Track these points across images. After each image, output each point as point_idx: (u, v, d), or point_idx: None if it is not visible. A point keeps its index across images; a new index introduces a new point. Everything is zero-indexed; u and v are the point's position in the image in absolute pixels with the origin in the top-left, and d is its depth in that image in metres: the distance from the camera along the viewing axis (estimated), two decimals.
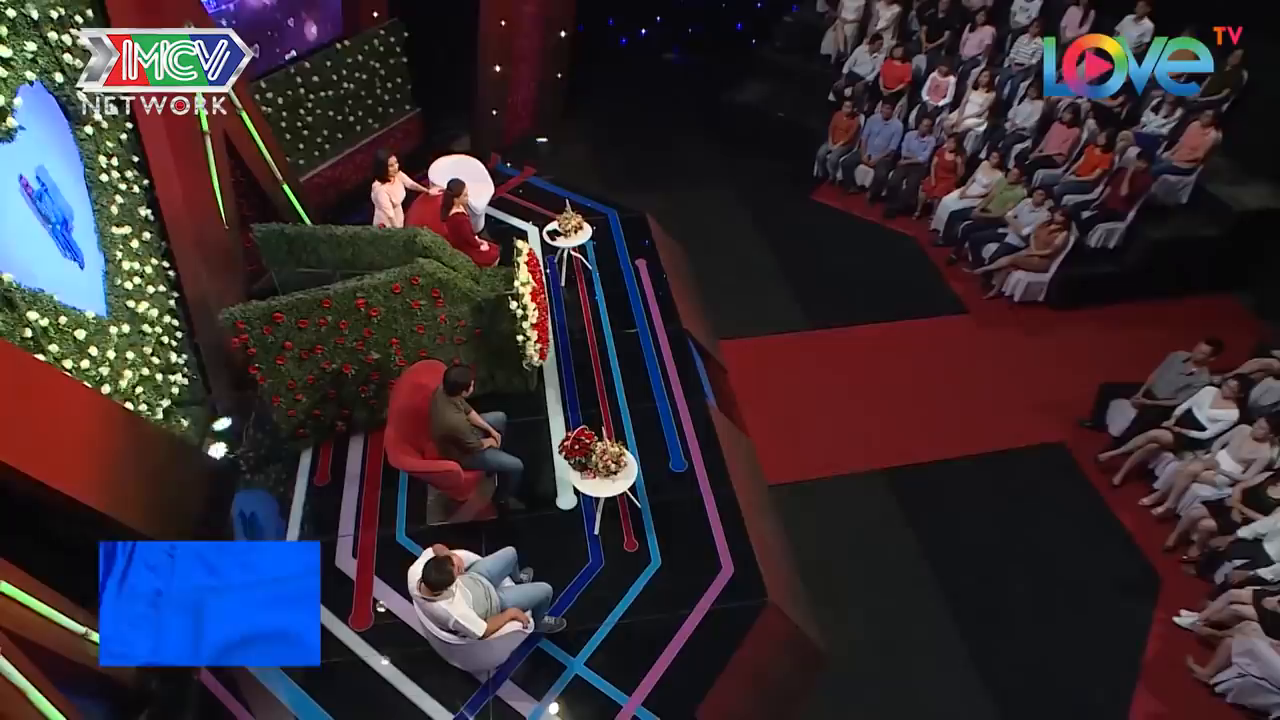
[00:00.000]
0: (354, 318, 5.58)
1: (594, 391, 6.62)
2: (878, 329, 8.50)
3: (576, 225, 7.48)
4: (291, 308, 5.34)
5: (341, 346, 5.66)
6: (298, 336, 5.47)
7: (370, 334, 5.68)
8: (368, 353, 5.76)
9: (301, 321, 5.40)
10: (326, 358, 5.64)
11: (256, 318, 5.29)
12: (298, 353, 5.53)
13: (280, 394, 5.67)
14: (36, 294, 4.74)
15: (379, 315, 5.61)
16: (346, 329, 5.59)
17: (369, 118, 9.97)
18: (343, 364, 5.73)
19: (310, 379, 5.69)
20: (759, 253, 9.50)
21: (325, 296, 5.39)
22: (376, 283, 5.50)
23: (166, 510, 5.47)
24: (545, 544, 5.52)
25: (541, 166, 9.79)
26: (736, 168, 10.91)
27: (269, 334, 5.37)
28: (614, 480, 5.23)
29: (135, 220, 6.11)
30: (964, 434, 7.40)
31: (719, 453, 6.16)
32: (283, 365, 5.53)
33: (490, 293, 5.90)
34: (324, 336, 5.55)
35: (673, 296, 7.67)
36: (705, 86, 11.89)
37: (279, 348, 5.46)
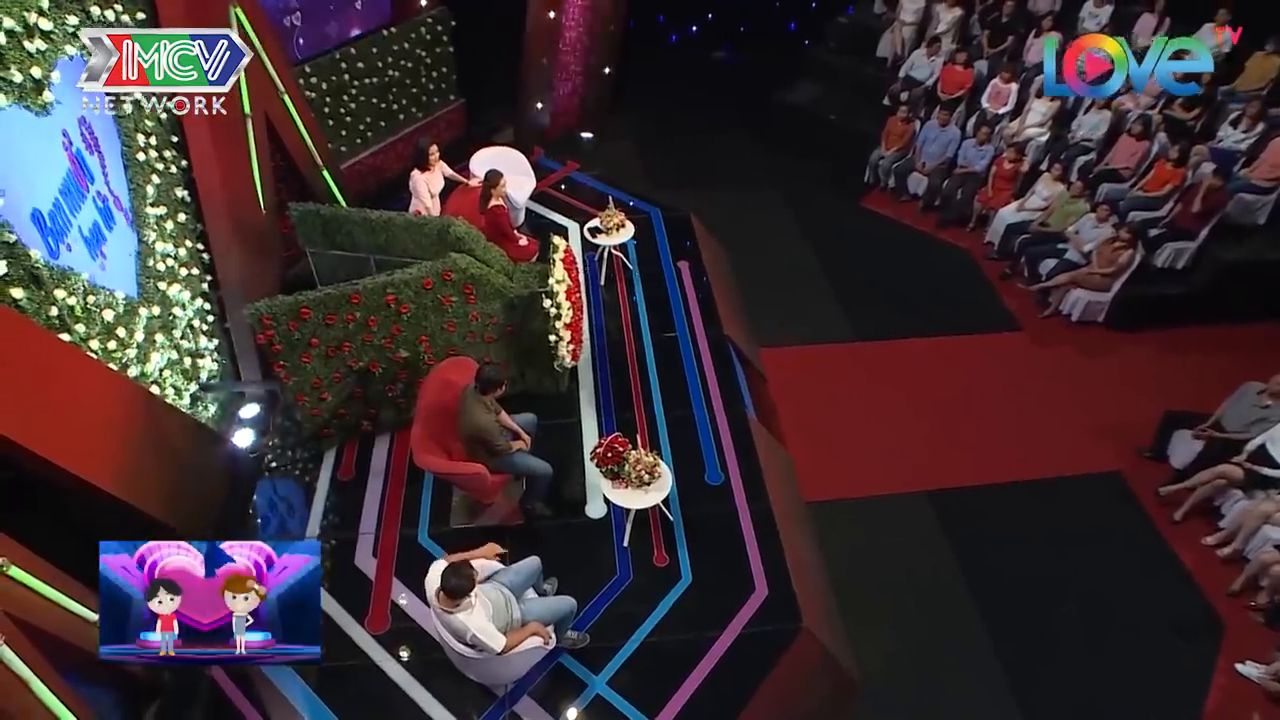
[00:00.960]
0: (383, 314, 5.39)
1: (629, 395, 6.39)
2: (925, 343, 8.15)
3: (618, 223, 7.25)
4: (319, 303, 5.17)
5: (369, 344, 5.48)
6: (324, 333, 5.30)
7: (399, 331, 5.50)
8: (396, 350, 5.57)
9: (329, 317, 5.23)
10: (354, 355, 5.47)
11: (282, 313, 5.11)
12: (324, 350, 5.36)
13: (305, 392, 5.49)
14: (66, 272, 4.65)
15: (409, 312, 5.42)
16: (375, 326, 5.41)
17: (412, 106, 9.86)
18: (370, 362, 5.55)
19: (336, 377, 5.51)
20: (804, 259, 9.19)
21: (354, 292, 5.21)
22: (407, 278, 5.31)
23: (185, 498, 5.35)
24: (572, 553, 5.30)
25: (585, 162, 9.59)
26: (784, 170, 10.60)
27: (295, 330, 5.18)
28: (647, 492, 4.99)
29: (171, 201, 6.02)
30: (1013, 458, 7.03)
31: (756, 466, 5.88)
32: (308, 363, 5.35)
33: (523, 289, 5.69)
34: (351, 333, 5.38)
35: (714, 300, 7.41)
36: (755, 87, 11.59)
37: (305, 344, 5.28)
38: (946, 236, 9.56)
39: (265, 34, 6.92)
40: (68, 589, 4.20)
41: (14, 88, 4.26)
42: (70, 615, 4.19)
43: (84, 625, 4.32)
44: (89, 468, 4.39)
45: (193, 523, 5.43)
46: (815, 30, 12.21)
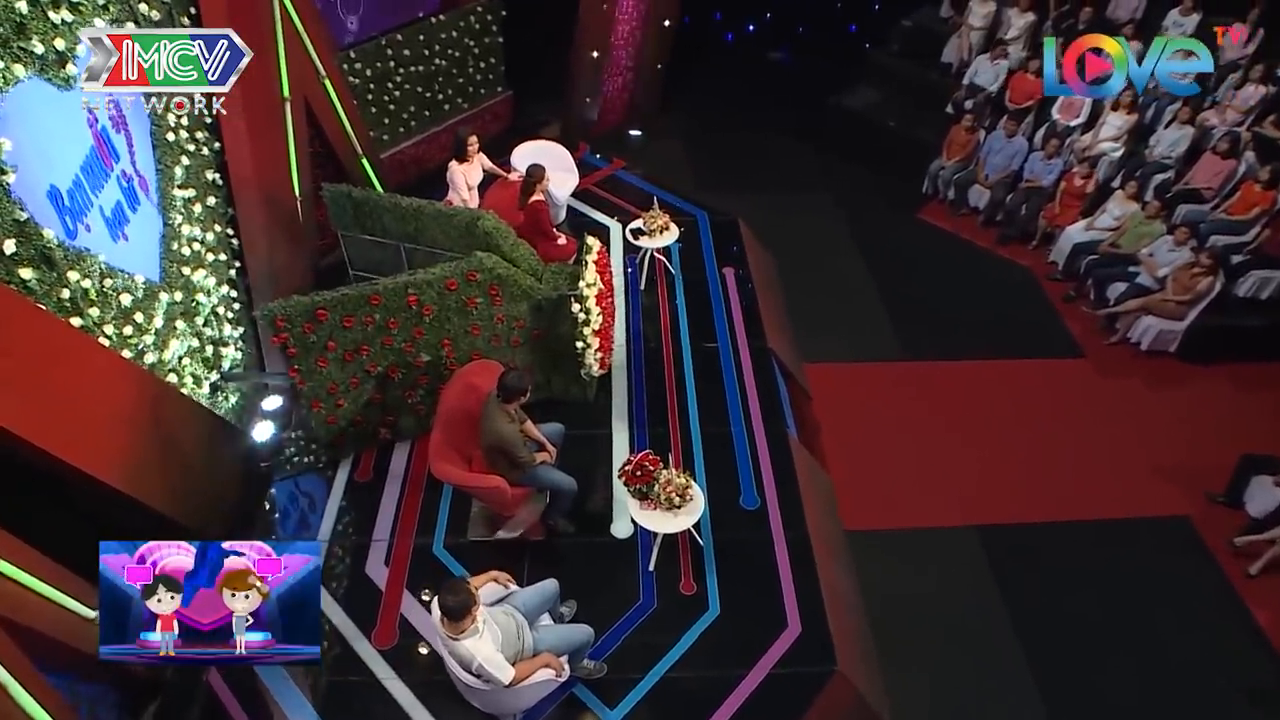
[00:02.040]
0: (404, 316, 5.11)
1: (664, 408, 6.06)
2: (981, 366, 7.68)
3: (663, 225, 6.93)
4: (336, 304, 4.89)
5: (389, 347, 5.21)
6: (342, 336, 5.02)
7: (421, 334, 5.22)
8: (417, 354, 5.30)
9: (347, 319, 4.95)
10: (372, 360, 5.20)
11: (298, 314, 4.82)
12: (341, 354, 5.08)
13: (320, 398, 5.21)
14: (81, 253, 4.46)
15: (431, 314, 5.14)
16: (396, 328, 5.13)
17: (458, 97, 9.62)
18: (389, 366, 5.28)
19: (354, 382, 5.25)
20: (855, 270, 8.76)
21: (374, 292, 4.93)
22: (430, 278, 5.03)
23: (195, 494, 5.16)
24: (593, 574, 4.99)
25: (632, 160, 9.27)
26: (838, 178, 10.16)
27: (310, 333, 4.90)
28: (676, 515, 4.66)
29: (201, 184, 5.84)
30: (1071, 495, 6.55)
31: (796, 491, 5.52)
32: (324, 367, 5.08)
33: (552, 291, 5.40)
34: (370, 336, 5.10)
35: (759, 310, 7.05)
36: (812, 89, 11.16)
37: (321, 348, 5.00)
38: (1007, 253, 9.04)
39: (309, 17, 6.74)
40: (64, 584, 4.01)
41: (35, 59, 4.07)
42: (65, 612, 4.01)
43: (81, 623, 4.14)
44: (90, 459, 4.19)
45: (203, 519, 5.23)
46: (877, 33, 11.73)
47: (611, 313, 5.65)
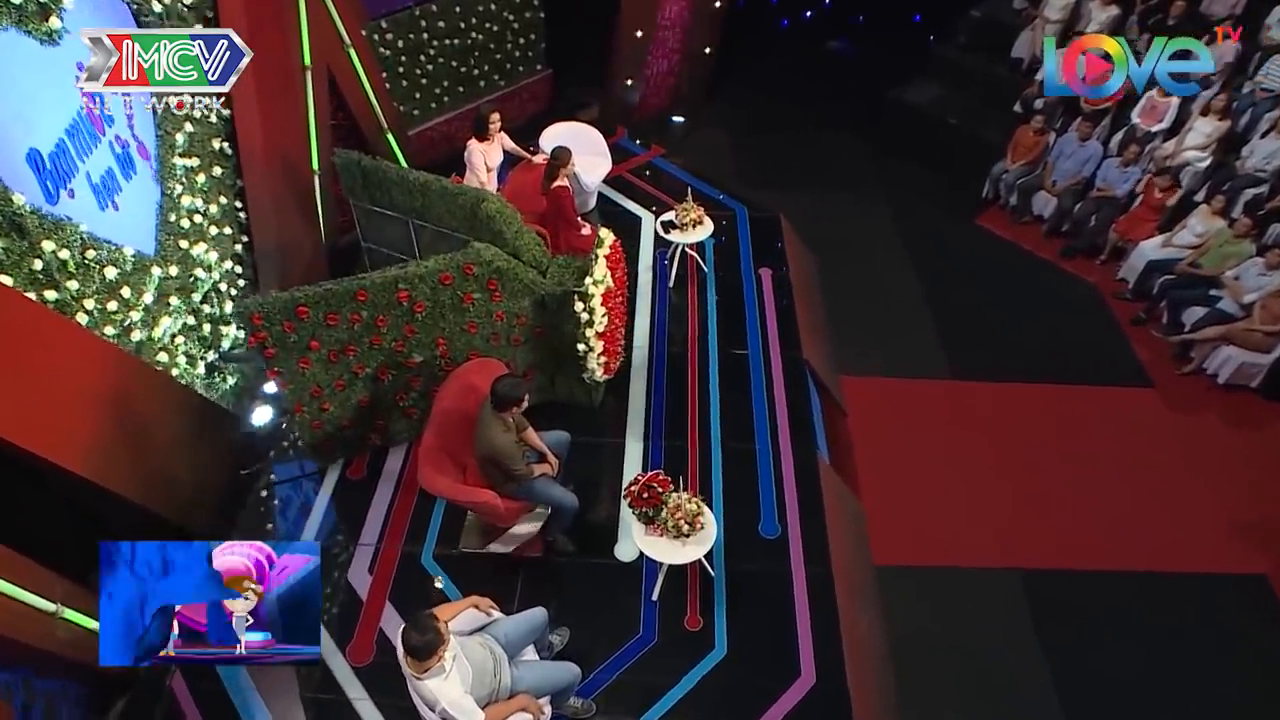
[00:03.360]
0: (394, 313, 4.69)
1: (685, 418, 5.60)
2: (1035, 390, 7.04)
3: (696, 219, 6.44)
4: (319, 300, 4.46)
5: (378, 347, 4.80)
6: (326, 335, 4.61)
7: (413, 332, 4.80)
8: (408, 354, 4.89)
9: (331, 317, 4.54)
10: (360, 360, 4.80)
11: (276, 311, 4.41)
12: (325, 354, 4.68)
13: (303, 402, 4.82)
14: (59, 222, 4.15)
15: (424, 311, 4.71)
16: (385, 326, 4.72)
17: (495, 73, 9.21)
18: (378, 367, 4.88)
19: (339, 384, 4.85)
20: (903, 277, 8.14)
21: (360, 288, 4.51)
22: (422, 272, 4.60)
23: (178, 482, 4.86)
24: (591, 599, 4.58)
25: (671, 148, 8.79)
26: (892, 176, 9.51)
27: (291, 331, 4.49)
28: (684, 545, 4.20)
29: (206, 153, 5.52)
30: (1129, 542, 5.92)
31: (821, 520, 5.02)
32: (307, 369, 4.68)
33: (556, 286, 4.95)
34: (357, 335, 4.69)
35: (795, 315, 6.53)
36: (869, 82, 10.50)
37: (303, 348, 4.59)
38: (1072, 267, 8.33)
39: None
40: (17, 575, 3.71)
41: (11, 9, 3.75)
42: (15, 604, 3.71)
43: (37, 616, 3.86)
44: (52, 445, 3.89)
45: (185, 510, 4.94)
46: (942, 24, 11.00)
47: (622, 314, 5.20)
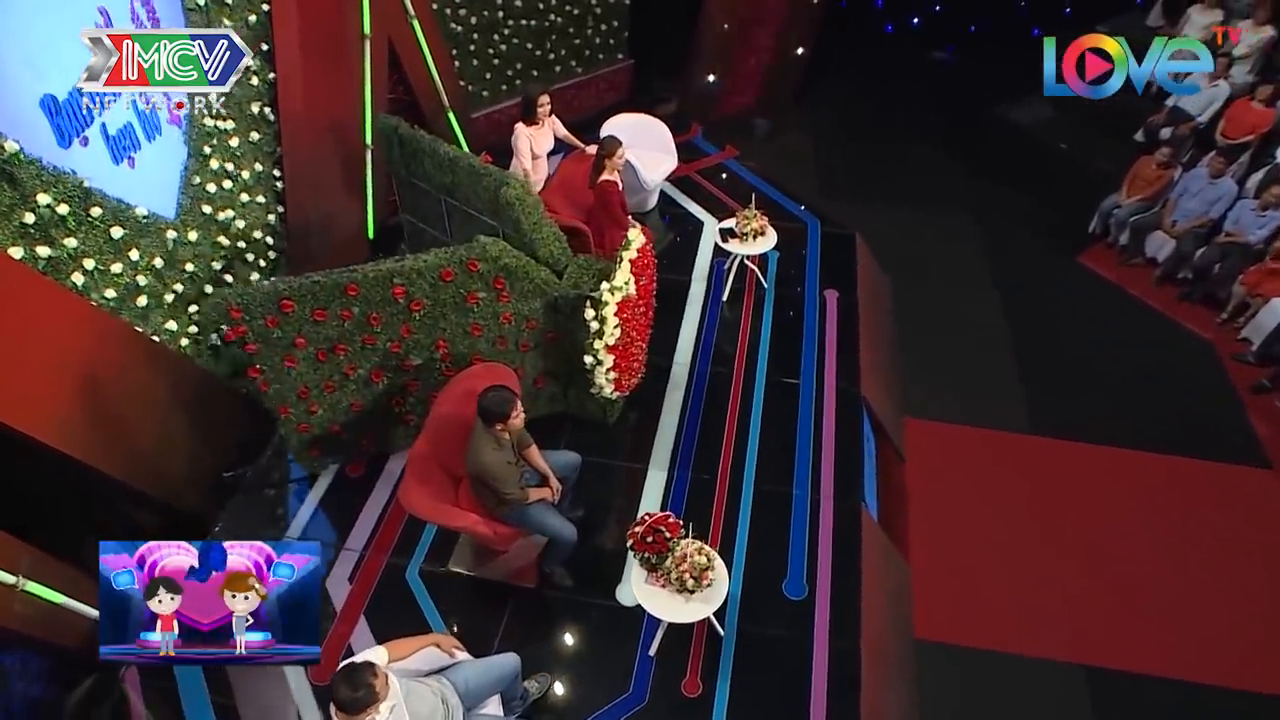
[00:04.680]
0: (389, 311, 4.26)
1: (717, 449, 5.05)
2: (1129, 457, 6.17)
3: (758, 229, 5.87)
4: (306, 293, 4.05)
5: (371, 347, 4.38)
6: (313, 332, 4.20)
7: (409, 332, 4.37)
8: (405, 356, 4.46)
9: (318, 313, 4.13)
10: (351, 361, 4.39)
11: (257, 304, 4.01)
12: (313, 352, 4.28)
13: (289, 403, 4.42)
14: (59, 174, 3.91)
15: (422, 309, 4.28)
16: (378, 325, 4.29)
17: (572, 59, 8.80)
18: (372, 370, 4.47)
19: (329, 386, 4.45)
20: (988, 313, 7.35)
21: (350, 281, 4.08)
22: (421, 266, 4.16)
23: (167, 459, 4.60)
24: (582, 644, 4.10)
25: (748, 151, 8.20)
26: (989, 202, 8.67)
27: (274, 327, 4.09)
28: (687, 601, 3.66)
29: (243, 116, 5.26)
30: (1223, 650, 5.04)
31: (857, 585, 4.39)
32: (293, 368, 4.28)
33: (571, 289, 4.46)
34: (348, 333, 4.28)
35: (859, 345, 5.89)
36: (975, 97, 9.68)
37: (288, 345, 4.19)
38: (1187, 320, 7.36)
39: None
40: None
41: None
42: None
43: None
44: (24, 416, 3.63)
45: (175, 489, 4.69)
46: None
47: (644, 327, 4.67)
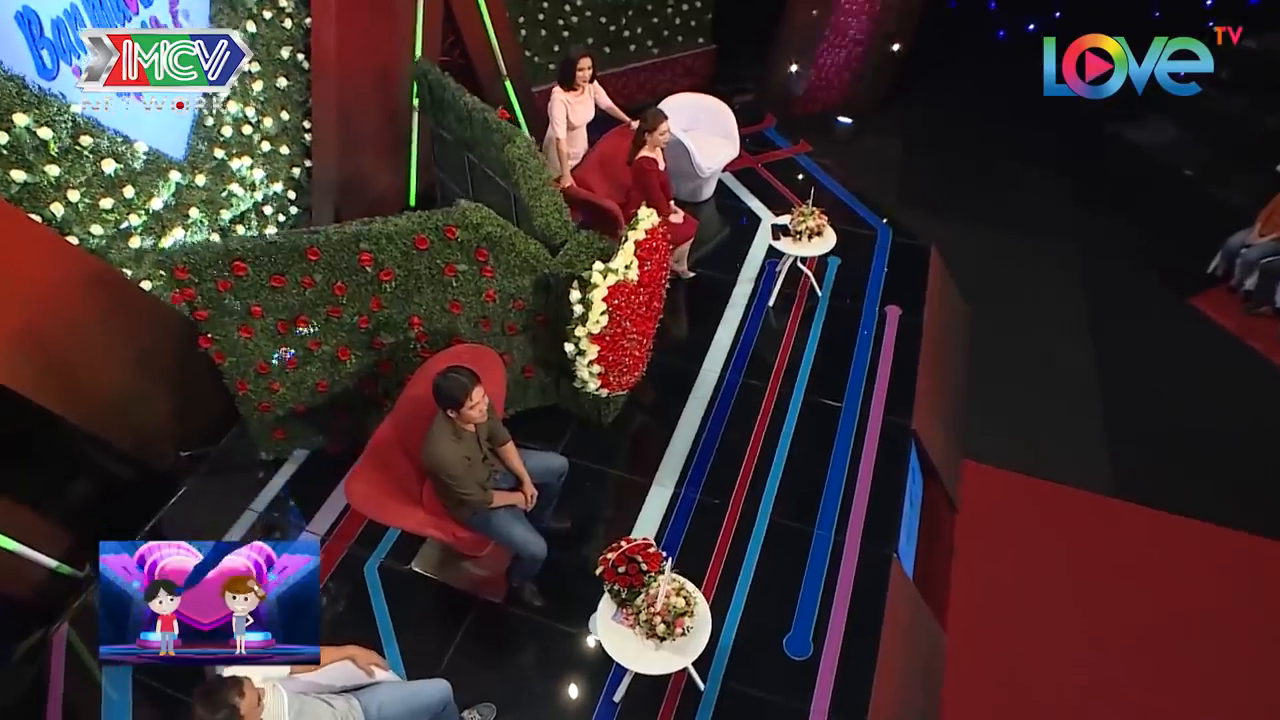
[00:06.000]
0: (355, 280, 3.78)
1: (734, 471, 4.45)
2: (1225, 537, 5.23)
3: (815, 228, 5.25)
4: (260, 255, 3.60)
5: (337, 321, 3.90)
6: (271, 300, 3.74)
7: (379, 305, 3.89)
8: (375, 333, 3.99)
9: (276, 279, 3.66)
10: (315, 335, 3.92)
11: (207, 265, 3.56)
12: (272, 323, 3.82)
13: (247, 379, 3.97)
14: (43, 96, 3.64)
15: (394, 280, 3.79)
16: (344, 295, 3.81)
17: (649, 39, 8.30)
18: (339, 347, 4.00)
19: (291, 363, 4.01)
20: (1079, 353, 6.47)
21: (311, 244, 3.60)
22: (390, 230, 3.66)
23: (140, 413, 4.31)
24: (541, 676, 3.58)
25: (822, 148, 7.53)
26: (1093, 229, 7.73)
27: (225, 291, 3.64)
28: (656, 649, 3.10)
29: (270, 60, 4.95)
30: None
31: (873, 649, 3.72)
32: (249, 339, 3.83)
33: (564, 267, 3.92)
34: (310, 303, 3.80)
35: (917, 372, 5.18)
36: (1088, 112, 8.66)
37: (243, 313, 3.75)
38: None
39: None
40: None
41: None
42: None
43: None
44: None
45: (143, 441, 4.41)
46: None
47: (646, 320, 4.09)
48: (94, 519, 4.39)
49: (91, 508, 4.49)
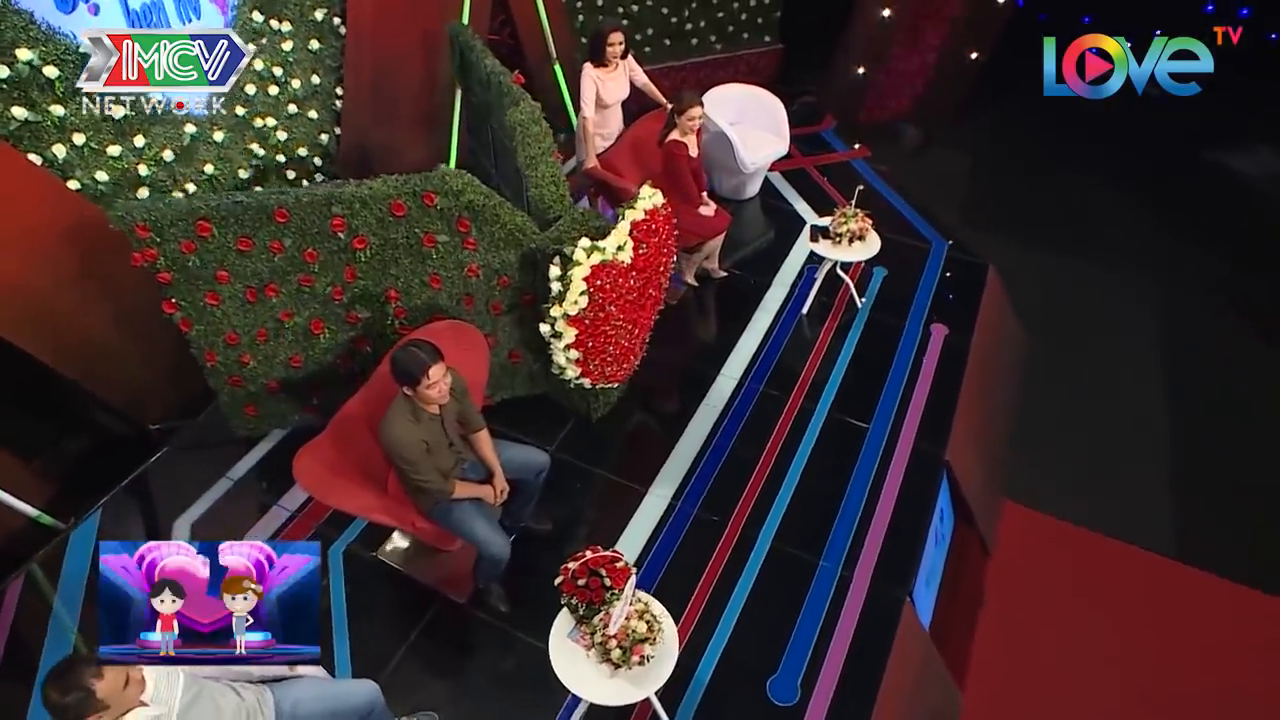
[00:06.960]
0: (327, 248, 3.51)
1: (739, 487, 4.09)
2: None
3: (857, 231, 4.85)
4: (226, 216, 3.33)
5: (309, 290, 3.63)
6: (238, 265, 3.49)
7: (354, 277, 3.62)
8: (350, 306, 3.72)
9: (243, 241, 3.40)
10: (285, 305, 3.66)
11: (169, 224, 3.30)
12: (240, 290, 3.57)
13: (215, 349, 3.73)
14: (50, 33, 3.55)
15: (368, 249, 3.52)
16: (315, 264, 3.54)
17: (712, 33, 7.99)
18: (311, 319, 3.75)
19: (261, 334, 3.73)
20: (1149, 397, 5.86)
21: (279, 205, 3.33)
22: (364, 194, 3.37)
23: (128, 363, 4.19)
24: (494, 689, 3.28)
25: (881, 154, 7.08)
26: (1178, 261, 7.07)
27: (190, 253, 3.38)
28: (611, 676, 2.77)
29: (303, 20, 4.80)
30: None
31: (869, 702, 3.31)
32: (216, 306, 3.58)
33: (551, 242, 3.60)
34: (280, 271, 3.55)
35: (958, 399, 4.72)
36: (1183, 137, 8.02)
37: (209, 279, 3.49)
38: None
39: None
40: None
41: None
42: None
43: None
44: None
45: (130, 396, 4.29)
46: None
47: (636, 306, 3.72)
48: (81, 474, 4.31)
49: (79, 462, 4.41)
